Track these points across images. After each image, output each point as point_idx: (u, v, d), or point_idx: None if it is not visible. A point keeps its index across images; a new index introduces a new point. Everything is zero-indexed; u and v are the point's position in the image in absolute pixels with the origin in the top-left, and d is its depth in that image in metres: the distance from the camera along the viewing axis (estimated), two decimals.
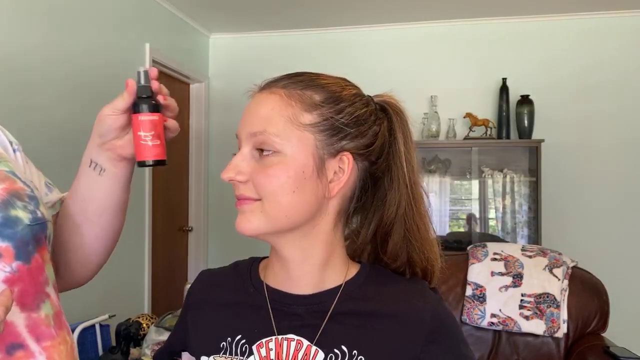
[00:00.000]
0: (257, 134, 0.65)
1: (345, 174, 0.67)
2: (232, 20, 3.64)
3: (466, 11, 3.41)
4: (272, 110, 0.66)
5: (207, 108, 3.88)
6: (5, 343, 0.62)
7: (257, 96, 0.69)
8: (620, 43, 3.38)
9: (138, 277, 3.05)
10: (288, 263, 0.70)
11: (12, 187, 0.69)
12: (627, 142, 3.35)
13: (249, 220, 0.66)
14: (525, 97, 3.35)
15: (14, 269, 0.65)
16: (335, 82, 0.69)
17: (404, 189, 0.70)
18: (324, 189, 0.67)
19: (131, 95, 0.74)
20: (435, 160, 3.52)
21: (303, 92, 0.67)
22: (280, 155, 0.64)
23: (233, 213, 0.67)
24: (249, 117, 0.67)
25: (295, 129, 0.65)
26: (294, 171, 0.64)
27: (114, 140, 0.76)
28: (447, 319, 0.70)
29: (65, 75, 2.41)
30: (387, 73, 3.56)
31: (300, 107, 0.66)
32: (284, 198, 0.64)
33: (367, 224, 0.73)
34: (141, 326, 1.83)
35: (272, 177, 0.64)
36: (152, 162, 0.74)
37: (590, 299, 2.21)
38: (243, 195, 0.66)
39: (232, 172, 0.66)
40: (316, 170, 0.66)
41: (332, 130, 0.66)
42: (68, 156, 2.38)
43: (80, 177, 0.81)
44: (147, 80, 0.74)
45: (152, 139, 0.73)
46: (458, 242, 3.35)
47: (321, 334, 0.67)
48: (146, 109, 0.73)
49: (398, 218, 0.70)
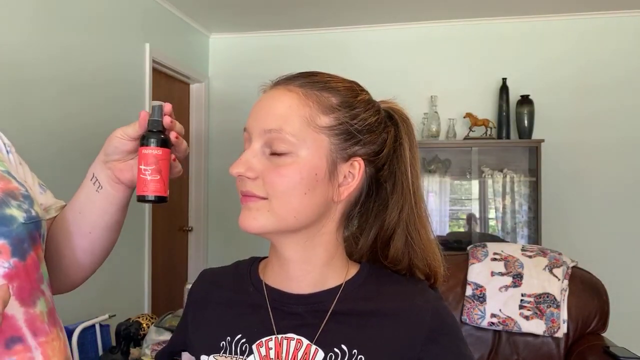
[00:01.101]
0: (273, 132, 0.64)
1: (355, 179, 0.68)
2: (232, 20, 3.64)
3: (466, 11, 3.41)
4: (289, 108, 0.65)
5: (207, 108, 3.88)
6: (5, 336, 0.64)
7: (271, 92, 0.68)
8: (620, 43, 3.38)
9: (138, 277, 3.05)
10: (289, 263, 0.70)
11: (7, 186, 0.71)
12: (627, 142, 3.35)
13: (255, 218, 0.65)
14: (525, 97, 3.35)
15: (11, 265, 0.66)
16: (350, 86, 0.69)
17: (408, 194, 0.70)
18: (333, 193, 0.67)
19: (142, 126, 0.73)
20: (435, 160, 3.52)
21: (320, 93, 0.66)
22: (294, 156, 0.64)
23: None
24: (263, 112, 0.66)
25: (311, 130, 0.64)
26: (307, 173, 0.64)
27: (116, 161, 0.77)
28: (447, 319, 0.70)
29: (64, 75, 2.41)
30: (387, 73, 3.57)
31: (317, 109, 0.65)
32: (295, 199, 0.64)
33: (368, 229, 0.73)
34: (141, 326, 1.83)
35: (284, 177, 0.64)
36: (151, 197, 0.72)
37: (590, 299, 2.21)
38: (250, 192, 0.65)
39: (242, 167, 0.65)
40: (328, 174, 0.66)
41: (347, 135, 0.66)
42: (68, 156, 2.38)
43: (82, 188, 0.82)
44: (160, 115, 0.74)
45: (152, 174, 0.72)
46: (458, 242, 3.35)
47: (321, 333, 0.67)
48: (152, 143, 0.72)
49: (400, 223, 0.71)
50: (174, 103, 3.67)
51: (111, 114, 2.70)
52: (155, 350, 1.73)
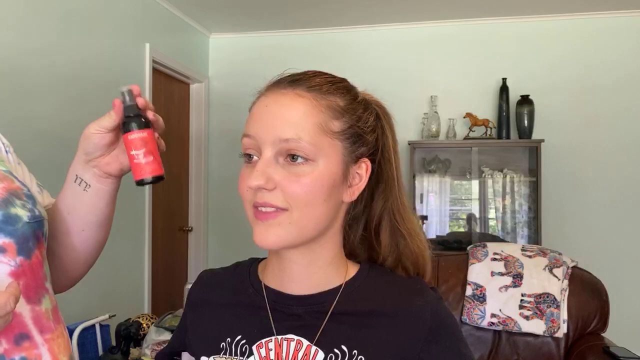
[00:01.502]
0: (290, 141, 0.62)
1: (363, 179, 0.68)
2: (232, 20, 3.64)
3: (466, 11, 3.41)
4: (304, 115, 0.63)
5: (207, 108, 3.88)
6: (13, 333, 0.65)
7: (278, 97, 0.65)
8: (620, 43, 3.38)
9: (138, 277, 3.05)
10: (293, 265, 0.69)
11: (11, 186, 0.71)
12: (627, 142, 3.35)
13: (277, 234, 0.63)
14: (525, 97, 3.35)
15: (17, 263, 0.67)
16: (347, 86, 0.70)
17: (393, 183, 0.72)
18: (344, 194, 0.67)
19: (118, 115, 0.73)
20: (435, 160, 3.52)
21: (328, 97, 0.66)
22: (313, 165, 0.63)
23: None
24: (276, 120, 0.63)
25: (326, 136, 0.64)
26: (327, 180, 0.64)
27: (100, 157, 0.77)
28: (447, 319, 0.70)
29: (64, 75, 2.41)
30: (387, 73, 3.57)
31: (329, 114, 0.65)
32: (316, 208, 0.64)
33: (356, 223, 0.74)
34: (141, 326, 1.83)
35: (306, 187, 0.62)
36: (150, 178, 0.73)
37: (590, 299, 2.21)
38: (269, 204, 0.62)
39: (262, 179, 0.62)
40: (342, 178, 0.66)
41: (355, 137, 0.67)
42: (66, 156, 2.38)
43: (65, 191, 0.82)
44: (132, 99, 0.73)
45: (145, 156, 0.72)
46: (458, 242, 3.35)
47: (321, 334, 0.66)
48: (135, 127, 0.72)
49: (385, 213, 0.72)
50: (174, 103, 3.66)
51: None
52: (155, 350, 1.73)
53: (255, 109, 0.67)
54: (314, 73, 0.69)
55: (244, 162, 0.67)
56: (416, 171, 3.50)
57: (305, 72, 0.69)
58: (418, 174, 3.52)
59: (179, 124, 3.68)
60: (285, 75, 0.69)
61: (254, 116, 0.66)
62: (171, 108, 3.57)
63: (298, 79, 0.67)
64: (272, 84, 0.68)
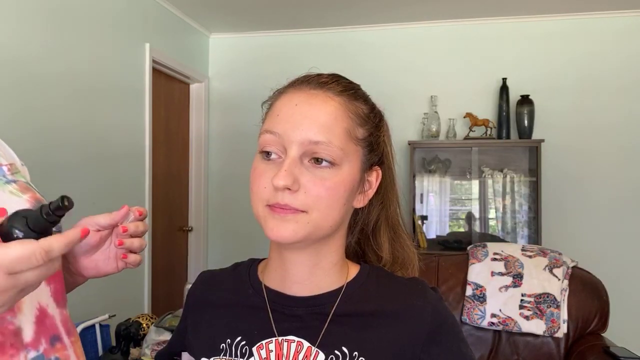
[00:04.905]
0: (320, 144, 0.61)
1: (373, 186, 0.70)
2: (232, 20, 3.64)
3: (466, 11, 3.41)
4: (335, 119, 0.63)
5: (207, 108, 3.88)
6: (49, 334, 0.67)
7: (310, 98, 0.64)
8: (621, 43, 3.38)
9: (138, 277, 3.05)
10: (297, 266, 0.69)
11: (35, 196, 0.73)
12: (627, 142, 3.35)
13: (293, 229, 0.62)
14: (525, 97, 3.35)
15: None
16: (365, 93, 0.70)
17: (392, 188, 0.73)
18: (355, 199, 0.68)
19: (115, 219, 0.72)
20: (435, 160, 3.52)
21: (354, 102, 0.66)
22: (338, 169, 0.63)
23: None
24: (306, 120, 0.62)
25: (351, 142, 0.64)
26: (348, 185, 0.64)
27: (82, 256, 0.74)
28: (448, 319, 0.70)
29: (64, 75, 2.41)
30: (387, 73, 3.57)
31: (355, 120, 0.65)
32: (335, 211, 0.64)
33: (354, 227, 0.75)
34: (141, 326, 1.83)
35: (330, 191, 0.62)
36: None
37: (590, 299, 2.21)
38: (288, 206, 0.61)
39: (289, 179, 0.60)
40: (359, 184, 0.67)
41: (372, 145, 0.68)
42: (66, 156, 2.38)
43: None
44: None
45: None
46: (458, 242, 3.35)
47: (322, 336, 0.66)
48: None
49: (384, 217, 0.73)
50: (174, 103, 3.65)
51: (111, 113, 2.71)
52: (155, 350, 1.73)
53: (280, 106, 0.65)
54: (339, 76, 0.69)
55: (260, 159, 0.65)
56: (416, 171, 3.50)
57: (333, 75, 0.69)
58: (418, 174, 3.52)
59: (179, 124, 3.68)
60: (313, 75, 0.68)
61: (281, 113, 0.64)
62: (171, 108, 3.56)
63: (327, 80, 0.67)
64: (299, 83, 0.67)
